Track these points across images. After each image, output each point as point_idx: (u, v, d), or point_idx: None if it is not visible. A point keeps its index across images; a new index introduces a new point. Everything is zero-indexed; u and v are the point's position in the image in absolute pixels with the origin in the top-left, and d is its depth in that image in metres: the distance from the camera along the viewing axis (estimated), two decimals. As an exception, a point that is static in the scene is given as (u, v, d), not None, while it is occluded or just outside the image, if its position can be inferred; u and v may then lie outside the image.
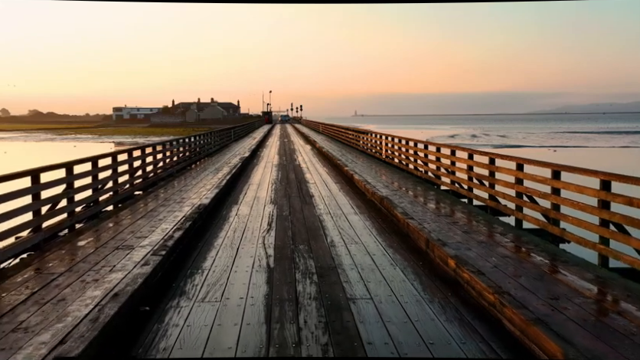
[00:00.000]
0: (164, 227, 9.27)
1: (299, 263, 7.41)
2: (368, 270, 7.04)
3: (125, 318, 5.27)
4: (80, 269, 6.81)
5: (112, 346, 4.78)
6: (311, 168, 20.80)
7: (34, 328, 4.89)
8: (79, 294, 5.83)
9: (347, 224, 10.06)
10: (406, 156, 18.20)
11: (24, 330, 4.85)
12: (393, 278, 6.70)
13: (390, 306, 5.72)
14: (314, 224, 10.05)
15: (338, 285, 6.45)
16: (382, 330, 5.07)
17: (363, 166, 19.34)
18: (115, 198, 11.79)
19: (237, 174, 17.98)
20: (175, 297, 6.07)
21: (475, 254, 7.20)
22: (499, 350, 4.66)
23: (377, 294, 6.09)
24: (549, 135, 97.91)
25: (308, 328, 5.13)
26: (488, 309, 5.52)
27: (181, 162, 19.42)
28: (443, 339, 4.88)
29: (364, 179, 15.23)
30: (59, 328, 4.88)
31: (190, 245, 8.49)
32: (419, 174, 16.20)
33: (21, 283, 6.30)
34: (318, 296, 6.04)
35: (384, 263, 7.38)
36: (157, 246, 7.87)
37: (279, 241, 8.69)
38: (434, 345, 4.73)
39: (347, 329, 5.11)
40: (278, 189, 14.93)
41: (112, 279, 6.37)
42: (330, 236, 9.09)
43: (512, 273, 6.34)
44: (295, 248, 8.26)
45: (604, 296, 5.66)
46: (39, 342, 4.58)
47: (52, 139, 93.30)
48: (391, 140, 20.86)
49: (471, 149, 12.47)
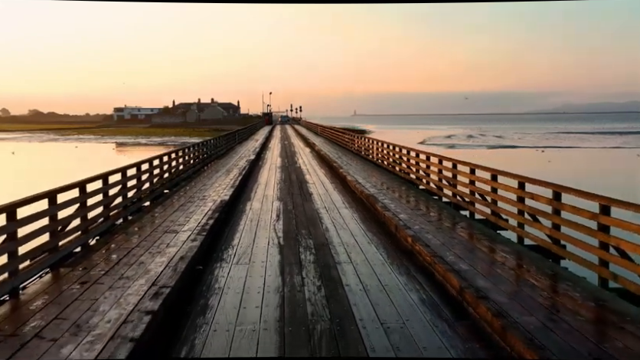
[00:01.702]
0: (196, 217, 12.02)
1: (301, 242, 10.22)
2: (351, 246, 9.84)
3: (189, 272, 8.05)
4: (145, 245, 9.58)
5: (187, 285, 7.56)
6: (310, 170, 23.58)
7: (132, 277, 7.65)
8: (152, 259, 8.58)
9: (339, 215, 12.85)
10: (393, 159, 20.97)
11: (126, 278, 7.61)
12: (368, 250, 9.50)
13: (363, 266, 8.51)
14: (312, 216, 12.85)
15: (329, 255, 9.24)
16: (356, 278, 7.86)
17: (356, 168, 22.10)
18: (150, 195, 14.56)
19: (247, 175, 20.75)
20: (218, 261, 8.88)
21: (430, 236, 9.95)
22: (427, 287, 7.46)
23: (355, 260, 8.88)
24: (544, 136, 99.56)
25: (308, 278, 7.92)
26: (426, 267, 8.32)
27: (196, 164, 22.20)
28: (394, 284, 7.67)
29: (355, 180, 18.00)
30: (148, 277, 7.64)
31: (219, 230, 11.28)
32: (404, 176, 18.94)
33: (108, 253, 9.07)
34: (315, 261, 8.84)
35: (363, 242, 10.18)
36: (196, 230, 10.63)
37: (286, 227, 11.49)
38: (388, 286, 7.51)
39: (333, 279, 7.90)
40: (282, 188, 17.72)
41: (170, 251, 9.13)
42: (325, 224, 11.88)
43: (452, 247, 9.09)
44: (298, 232, 11.06)
45: (495, 252, 8.43)
46: (139, 284, 7.34)
47: (55, 139, 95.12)
48: (381, 145, 23.64)
49: (440, 155, 15.26)
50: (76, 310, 6.36)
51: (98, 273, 7.86)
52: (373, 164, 24.06)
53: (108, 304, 6.57)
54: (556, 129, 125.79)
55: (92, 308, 6.43)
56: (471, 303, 6.52)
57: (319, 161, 27.93)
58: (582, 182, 25.45)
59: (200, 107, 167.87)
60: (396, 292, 7.33)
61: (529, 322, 5.75)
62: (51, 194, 8.41)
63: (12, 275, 6.99)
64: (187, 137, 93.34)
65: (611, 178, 32.30)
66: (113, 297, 6.81)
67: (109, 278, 7.62)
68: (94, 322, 5.98)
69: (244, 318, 6.43)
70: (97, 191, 10.48)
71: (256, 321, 6.32)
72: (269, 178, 20.80)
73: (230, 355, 5.40)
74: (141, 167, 13.54)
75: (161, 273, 7.75)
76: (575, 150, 63.39)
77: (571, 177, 31.07)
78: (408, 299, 7.05)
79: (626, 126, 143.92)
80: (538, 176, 10.53)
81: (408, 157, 18.65)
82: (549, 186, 8.94)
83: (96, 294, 6.92)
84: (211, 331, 6.08)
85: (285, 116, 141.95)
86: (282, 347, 5.62)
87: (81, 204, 9.58)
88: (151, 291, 6.96)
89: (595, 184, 24.71)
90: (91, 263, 8.39)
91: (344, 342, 5.74)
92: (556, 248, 8.57)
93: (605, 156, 54.01)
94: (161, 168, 16.09)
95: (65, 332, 5.75)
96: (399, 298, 7.08)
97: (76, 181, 9.74)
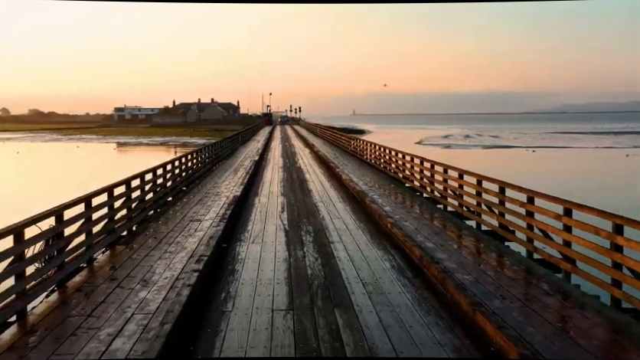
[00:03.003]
0: (215, 209, 14.45)
1: (303, 227, 12.67)
2: (342, 230, 12.29)
3: (218, 248, 10.50)
4: (178, 230, 12.00)
5: (217, 256, 10.01)
6: (309, 169, 26.02)
7: (174, 252, 10.07)
8: (186, 240, 11.01)
9: (334, 208, 15.30)
10: (384, 160, 23.42)
11: (170, 252, 10.04)
12: (355, 234, 11.96)
13: (351, 244, 10.97)
14: (312, 208, 15.30)
15: (325, 237, 11.70)
16: (345, 253, 10.31)
17: (351, 168, 24.53)
18: (172, 192, 16.99)
19: (253, 174, 23.20)
20: (237, 241, 11.34)
21: (407, 223, 12.38)
22: (397, 258, 9.91)
23: (345, 240, 11.33)
24: (540, 136, 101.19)
25: (308, 252, 10.38)
26: (399, 245, 10.78)
27: (206, 164, 24.65)
28: (373, 256, 10.12)
29: (349, 178, 20.44)
30: (187, 251, 10.08)
31: (235, 219, 13.72)
32: (394, 175, 21.36)
33: (150, 236, 11.50)
34: (313, 241, 11.29)
35: (352, 228, 12.64)
36: (217, 219, 13.07)
37: (290, 217, 13.95)
38: (368, 258, 9.95)
39: (327, 253, 10.35)
40: (285, 185, 20.17)
41: (199, 234, 11.55)
42: (322, 214, 14.33)
43: (422, 231, 11.52)
44: (299, 220, 13.51)
45: (457, 235, 10.87)
46: (181, 256, 9.77)
47: (58, 139, 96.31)
48: (373, 147, 26.09)
49: (422, 157, 17.70)
50: (139, 272, 8.80)
51: (146, 249, 10.31)
52: (367, 164, 26.46)
53: (162, 268, 9.01)
54: (554, 129, 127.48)
55: (151, 270, 8.88)
56: (426, 266, 8.99)
57: (318, 161, 30.37)
58: (547, 183, 28.14)
59: (201, 107, 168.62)
60: (374, 261, 9.79)
61: (465, 278, 8.19)
62: (109, 189, 10.85)
63: (88, 249, 9.43)
64: (188, 137, 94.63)
65: (584, 179, 34.65)
66: (164, 264, 9.25)
67: (157, 252, 10.08)
68: (156, 279, 8.42)
69: (262, 276, 8.89)
70: (136, 188, 12.93)
71: (271, 278, 8.78)
72: (273, 176, 23.25)
73: (255, 295, 7.85)
74: (167, 167, 15.99)
75: (197, 247, 10.21)
76: (566, 150, 65.35)
77: (544, 177, 33.50)
78: (382, 266, 9.52)
79: (623, 125, 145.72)
80: (512, 175, 13.02)
81: (396, 158, 21.10)
82: (496, 182, 11.40)
83: (151, 262, 9.36)
84: (239, 284, 8.55)
85: (284, 116, 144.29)
86: (291, 292, 8.07)
87: (126, 198, 12.02)
88: (192, 259, 9.42)
89: (562, 185, 27.22)
90: (139, 243, 10.83)
91: (334, 290, 8.19)
92: (502, 231, 10.99)
93: (592, 156, 55.98)
94: (180, 168, 18.52)
95: (136, 284, 8.19)
96: (375, 265, 9.54)
97: (122, 179, 12.17)
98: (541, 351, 5.63)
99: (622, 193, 25.75)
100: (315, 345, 6.21)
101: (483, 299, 7.20)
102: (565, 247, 8.39)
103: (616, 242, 7.12)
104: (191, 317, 7.06)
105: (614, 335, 6.24)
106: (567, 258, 8.29)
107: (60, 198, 9.26)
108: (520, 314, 6.68)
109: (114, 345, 5.97)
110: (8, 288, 6.73)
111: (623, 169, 41.95)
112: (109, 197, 10.77)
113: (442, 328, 6.74)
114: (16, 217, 7.62)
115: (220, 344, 6.34)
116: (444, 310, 7.35)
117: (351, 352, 6.01)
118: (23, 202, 23.01)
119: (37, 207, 8.88)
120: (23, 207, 16.07)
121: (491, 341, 6.18)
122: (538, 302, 7.18)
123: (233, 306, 7.60)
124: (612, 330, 6.35)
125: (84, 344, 6.03)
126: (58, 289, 8.11)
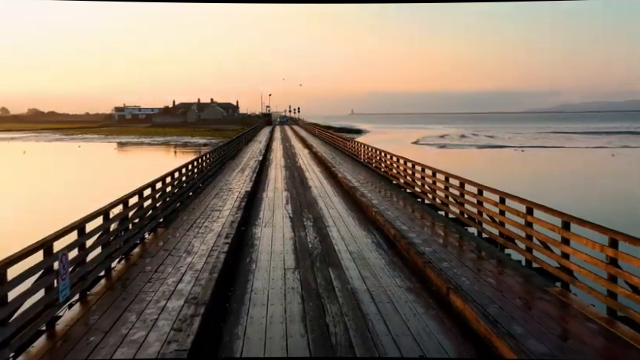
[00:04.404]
0: (230, 202, 17.36)
1: (304, 215, 15.61)
2: (336, 217, 15.23)
3: (238, 230, 13.43)
4: (203, 217, 14.92)
5: (239, 235, 12.93)
6: (309, 168, 28.97)
7: (204, 232, 12.99)
8: (212, 224, 13.92)
9: (329, 201, 18.23)
10: (375, 161, 26.34)
11: (202, 233, 12.95)
12: (347, 220, 14.91)
13: (342, 228, 13.91)
14: (311, 201, 18.24)
15: (322, 222, 14.63)
16: (337, 233, 13.25)
17: (346, 167, 27.47)
18: (192, 187, 19.90)
19: (259, 172, 26.14)
20: (253, 225, 14.30)
21: (389, 212, 15.28)
22: (378, 236, 12.86)
23: (338, 225, 14.27)
24: (534, 136, 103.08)
25: (309, 233, 13.33)
26: (380, 227, 13.71)
27: (216, 164, 27.58)
28: (359, 235, 13.06)
29: (344, 176, 23.37)
30: (215, 232, 13.00)
31: (249, 209, 16.66)
32: (383, 174, 24.27)
33: (182, 221, 14.42)
34: (313, 225, 14.24)
35: (345, 215, 15.58)
36: (233, 209, 15.98)
37: (293, 207, 16.89)
38: (355, 236, 12.89)
39: (324, 234, 13.30)
40: (288, 182, 23.11)
41: (221, 220, 14.46)
42: (319, 205, 17.27)
43: (400, 218, 14.44)
44: (301, 210, 16.45)
45: (430, 222, 13.79)
46: (211, 235, 12.69)
47: (61, 139, 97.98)
48: (366, 148, 29.03)
49: (406, 158, 20.64)
50: (182, 246, 11.71)
51: (182, 231, 13.23)
52: (361, 164, 29.37)
53: (198, 243, 11.93)
54: (549, 129, 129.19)
55: (190, 244, 11.80)
56: (398, 241, 11.95)
57: (316, 161, 33.29)
58: (507, 181, 31.21)
59: (200, 107, 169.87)
60: (359, 238, 12.75)
61: (426, 249, 11.08)
62: (152, 184, 13.76)
63: (140, 230, 12.33)
64: (189, 137, 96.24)
65: (550, 178, 37.00)
66: (199, 241, 12.17)
67: (191, 232, 13.01)
68: (196, 250, 11.33)
69: (275, 248, 11.85)
70: (168, 184, 15.85)
71: (281, 250, 11.72)
72: (277, 175, 26.20)
73: (271, 260, 10.79)
74: (188, 167, 18.91)
75: (222, 229, 13.14)
76: (555, 150, 67.57)
77: (508, 176, 36.11)
78: (366, 242, 12.47)
79: (618, 125, 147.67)
80: (472, 172, 15.98)
81: (385, 159, 24.03)
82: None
83: (189, 239, 12.27)
84: (259, 253, 11.53)
85: (284, 117, 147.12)
86: (297, 258, 11.00)
87: (162, 192, 14.94)
88: (220, 237, 12.36)
89: (521, 184, 29.97)
90: (174, 227, 13.74)
91: (329, 257, 11.12)
92: (463, 218, 13.91)
93: (576, 156, 58.06)
94: (198, 167, 21.44)
95: (182, 253, 11.11)
96: (360, 241, 12.49)
97: (158, 177, 15.08)
98: (463, 286, 8.55)
99: (578, 194, 28.10)
100: (314, 287, 9.16)
101: (433, 260, 10.13)
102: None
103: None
104: (227, 272, 9.99)
105: (518, 279, 9.16)
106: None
107: (105, 197, 12.16)
108: (457, 269, 9.60)
109: (179, 287, 8.88)
110: (97, 256, 9.63)
111: (598, 170, 44.52)
112: (152, 190, 13.69)
113: (403, 278, 9.70)
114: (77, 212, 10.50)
115: (250, 286, 9.30)
116: (406, 268, 10.31)
117: (339, 290, 8.96)
118: (77, 201, 26.01)
119: (93, 204, 11.73)
120: (78, 205, 19.16)
121: (433, 283, 9.13)
122: (473, 263, 10.12)
123: (256, 266, 10.57)
124: (520, 278, 9.26)
125: (159, 287, 8.94)
126: (125, 256, 11.00)
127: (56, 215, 17.19)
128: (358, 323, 7.58)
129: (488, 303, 7.84)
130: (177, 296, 8.41)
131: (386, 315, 7.87)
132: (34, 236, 7.41)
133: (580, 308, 7.79)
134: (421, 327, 7.42)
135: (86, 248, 8.87)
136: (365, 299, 8.56)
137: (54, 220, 10.25)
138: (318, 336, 7.15)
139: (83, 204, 15.10)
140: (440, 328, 7.42)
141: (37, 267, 7.06)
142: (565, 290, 8.64)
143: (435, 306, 8.24)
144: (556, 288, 8.75)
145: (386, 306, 8.24)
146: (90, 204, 11.26)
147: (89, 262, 9.00)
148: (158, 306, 7.98)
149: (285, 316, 7.90)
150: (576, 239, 8.50)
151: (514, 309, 7.65)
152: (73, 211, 10.73)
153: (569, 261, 8.59)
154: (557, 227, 8.94)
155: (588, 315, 7.49)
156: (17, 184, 35.99)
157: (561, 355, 6.26)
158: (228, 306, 8.41)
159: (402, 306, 8.21)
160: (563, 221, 8.81)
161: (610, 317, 7.45)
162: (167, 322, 7.32)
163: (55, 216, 16.88)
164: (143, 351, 6.50)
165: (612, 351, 6.56)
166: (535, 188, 26.67)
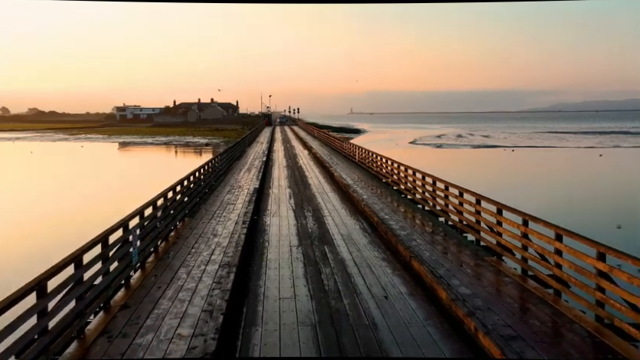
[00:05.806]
0: (242, 197, 20.45)
1: (305, 208, 18.73)
2: (332, 209, 18.36)
3: (251, 219, 16.53)
4: (221, 208, 18.02)
5: (253, 222, 16.03)
6: (308, 168, 32.09)
7: (224, 221, 16.08)
8: (229, 214, 17.02)
9: (327, 196, 21.35)
10: (368, 161, 29.42)
11: (222, 221, 16.04)
12: (340, 211, 18.04)
13: (336, 217, 17.04)
14: (311, 196, 21.36)
15: (319, 213, 17.76)
16: (332, 221, 16.38)
17: (342, 167, 30.57)
18: (208, 185, 22.99)
19: (264, 172, 29.25)
20: (263, 216, 17.44)
21: (376, 205, 18.36)
22: (364, 223, 15.98)
23: (332, 215, 17.39)
24: (529, 136, 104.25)
25: (309, 221, 16.45)
26: (367, 217, 16.82)
27: (225, 165, 30.67)
28: (349, 222, 16.20)
29: (340, 175, 26.47)
30: (233, 220, 16.10)
31: (259, 203, 19.77)
32: (375, 174, 27.32)
33: (205, 212, 17.51)
34: (312, 215, 17.36)
35: (339, 208, 18.71)
36: (245, 203, 19.07)
37: (296, 201, 20.01)
38: (346, 223, 16.01)
39: (321, 222, 16.41)
40: (290, 181, 26.23)
41: (236, 211, 17.55)
42: (318, 200, 20.39)
43: (385, 209, 17.53)
44: (302, 204, 19.57)
45: (410, 213, 16.88)
46: (230, 222, 15.80)
47: (65, 138, 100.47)
48: (360, 149, 32.12)
49: (393, 159, 23.73)
50: (207, 230, 14.79)
51: (206, 220, 16.32)
52: (356, 164, 32.43)
53: (221, 228, 15.02)
54: (545, 129, 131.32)
55: (214, 229, 14.89)
56: (380, 226, 15.07)
57: (315, 161, 36.40)
58: (471, 180, 34.23)
59: (201, 107, 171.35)
60: (350, 224, 15.88)
61: (401, 233, 14.15)
62: (180, 182, 16.86)
63: (173, 219, 15.41)
64: (190, 137, 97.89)
65: (519, 177, 39.08)
66: (221, 227, 15.26)
67: (214, 220, 16.11)
68: (220, 233, 14.42)
69: (282, 232, 14.97)
70: (191, 182, 18.94)
71: (287, 233, 14.84)
72: (280, 174, 29.33)
73: (279, 240, 13.90)
74: (205, 167, 22.03)
75: (238, 218, 16.25)
76: (546, 150, 69.05)
77: (477, 174, 38.46)
78: (354, 227, 15.60)
79: (613, 125, 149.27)
80: (445, 171, 19.05)
81: (376, 160, 27.13)
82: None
83: (212, 226, 15.36)
84: (270, 234, 14.70)
85: (283, 117, 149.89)
86: (300, 239, 14.11)
87: (187, 189, 18.02)
88: (237, 224, 15.45)
89: (484, 182, 32.58)
90: (200, 216, 16.83)
91: (324, 238, 14.22)
92: (435, 210, 16.98)
93: (563, 156, 59.62)
94: (212, 167, 24.54)
95: (209, 235, 14.20)
96: (350, 227, 15.61)
97: (184, 176, 18.14)
98: (423, 257, 11.64)
99: (538, 192, 30.25)
100: (312, 257, 12.27)
101: (405, 239, 13.23)
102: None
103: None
104: (247, 248, 13.10)
105: (466, 252, 12.24)
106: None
107: (143, 193, 15.22)
108: (423, 246, 12.68)
109: (213, 257, 11.96)
110: (143, 249, 12.70)
111: (577, 170, 47.01)
112: (181, 186, 16.78)
113: (380, 252, 12.83)
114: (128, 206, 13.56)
115: (265, 257, 12.45)
116: (383, 245, 13.45)
117: (332, 259, 12.08)
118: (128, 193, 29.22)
119: (135, 199, 14.82)
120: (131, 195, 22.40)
121: (401, 255, 12.25)
122: (437, 242, 13.22)
123: (269, 244, 13.71)
124: (469, 251, 12.34)
125: (197, 258, 12.02)
126: (163, 240, 14.04)
127: (118, 205, 20.58)
128: (344, 278, 10.71)
129: (438, 267, 10.94)
130: (213, 263, 11.50)
131: (365, 274, 10.99)
132: (115, 217, 10.51)
133: (505, 270, 10.88)
134: (388, 280, 10.55)
135: (145, 227, 11.98)
136: (350, 264, 11.69)
137: (118, 210, 13.30)
138: (316, 286, 10.28)
139: (124, 196, 18.24)
140: (401, 281, 10.55)
141: (121, 240, 10.13)
142: (499, 260, 11.71)
143: (401, 269, 11.38)
144: (492, 258, 11.84)
145: (365, 269, 11.37)
146: (127, 201, 14.37)
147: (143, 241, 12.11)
148: (200, 269, 11.07)
149: (292, 275, 11.03)
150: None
151: (457, 271, 10.73)
152: (120, 203, 13.81)
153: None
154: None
155: (511, 276, 10.56)
156: (74, 183, 39.04)
157: (480, 294, 9.35)
158: (250, 269, 11.53)
159: (376, 269, 11.34)
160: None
161: (523, 275, 10.53)
162: (209, 278, 10.42)
163: (118, 205, 20.35)
164: (197, 294, 9.59)
165: (511, 292, 9.65)
166: (494, 186, 29.25)
